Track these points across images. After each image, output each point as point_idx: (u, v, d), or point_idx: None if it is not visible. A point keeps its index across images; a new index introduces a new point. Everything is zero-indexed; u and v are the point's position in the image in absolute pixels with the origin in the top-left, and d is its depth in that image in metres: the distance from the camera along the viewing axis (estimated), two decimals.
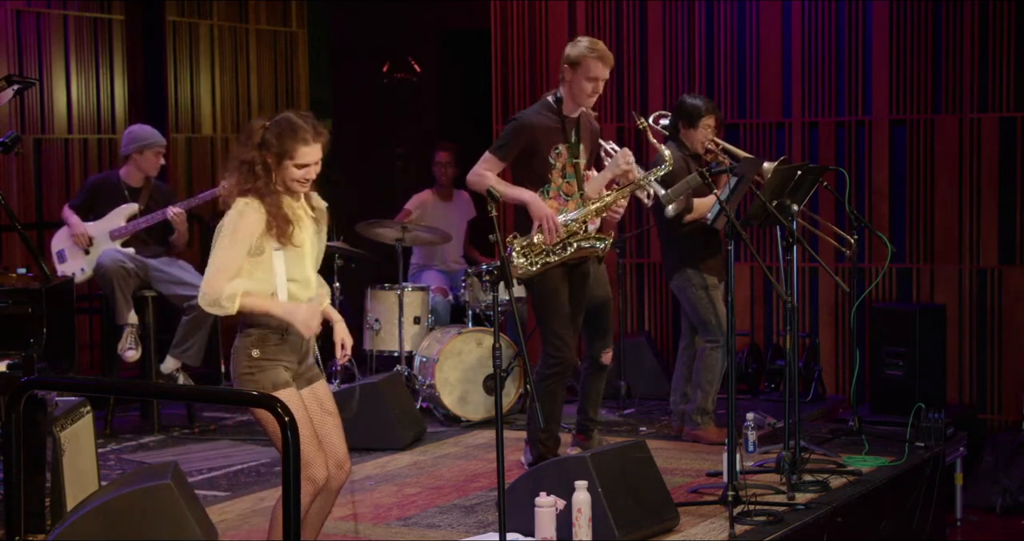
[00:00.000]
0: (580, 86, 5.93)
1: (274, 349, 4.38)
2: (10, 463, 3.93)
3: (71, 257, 7.50)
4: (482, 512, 5.68)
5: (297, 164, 4.34)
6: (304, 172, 4.36)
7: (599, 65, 5.92)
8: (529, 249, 5.89)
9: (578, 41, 6.03)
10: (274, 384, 4.33)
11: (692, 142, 6.83)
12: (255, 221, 4.32)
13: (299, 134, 4.33)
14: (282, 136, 4.33)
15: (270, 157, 4.33)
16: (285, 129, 4.34)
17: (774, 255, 7.06)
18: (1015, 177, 7.84)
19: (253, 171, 4.33)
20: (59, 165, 8.67)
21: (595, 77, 5.92)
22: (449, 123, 10.94)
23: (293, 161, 4.33)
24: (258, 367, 4.36)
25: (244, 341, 4.39)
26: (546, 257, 5.90)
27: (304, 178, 4.38)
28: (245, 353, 4.38)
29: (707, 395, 6.83)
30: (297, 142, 4.33)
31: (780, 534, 5.25)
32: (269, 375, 4.36)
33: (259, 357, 4.36)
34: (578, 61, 5.93)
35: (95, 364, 8.58)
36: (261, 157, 4.34)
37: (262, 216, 4.32)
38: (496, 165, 5.98)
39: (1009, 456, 7.32)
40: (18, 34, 8.40)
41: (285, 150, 4.32)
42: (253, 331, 4.39)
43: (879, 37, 8.08)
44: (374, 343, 8.09)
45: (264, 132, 4.36)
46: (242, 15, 9.86)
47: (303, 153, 4.34)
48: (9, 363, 5.13)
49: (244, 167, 4.35)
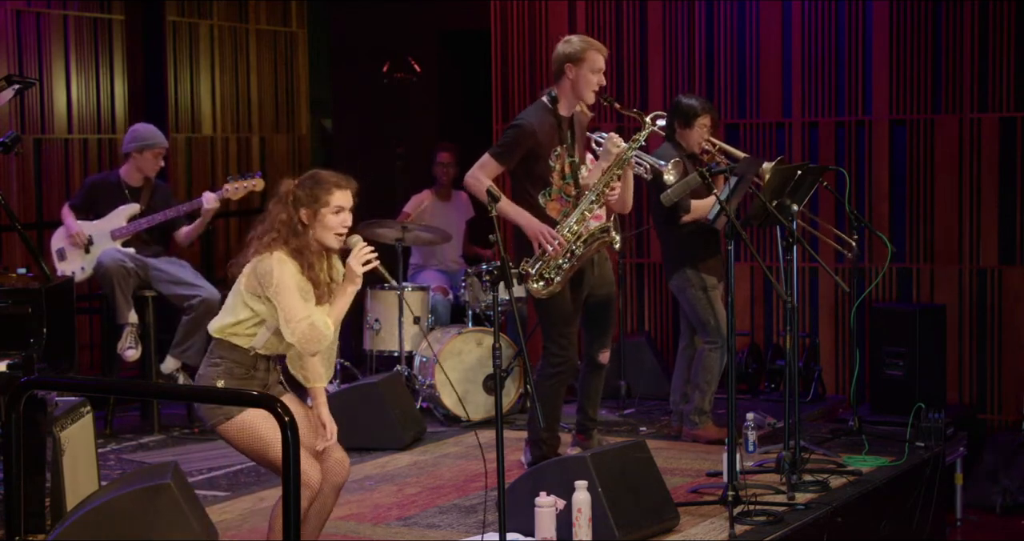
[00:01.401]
0: (586, 79, 5.93)
1: (239, 383, 4.44)
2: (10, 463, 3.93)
3: (71, 256, 7.49)
4: (482, 512, 5.68)
5: (333, 210, 4.44)
6: (342, 219, 4.47)
7: (600, 56, 5.97)
8: (544, 269, 5.89)
9: (569, 39, 6.05)
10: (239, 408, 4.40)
11: (688, 142, 6.83)
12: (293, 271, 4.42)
13: (331, 181, 4.48)
14: (315, 188, 4.46)
15: (306, 213, 4.44)
16: (316, 181, 4.48)
17: (774, 255, 7.06)
18: (1015, 177, 7.84)
19: (294, 230, 4.44)
20: (59, 165, 8.67)
21: (599, 68, 5.95)
22: (449, 123, 10.94)
23: (329, 208, 4.44)
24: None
25: (211, 371, 4.49)
26: (559, 269, 5.89)
27: (343, 225, 4.47)
28: (210, 382, 4.47)
29: (704, 395, 6.83)
30: (331, 188, 4.46)
31: (780, 534, 5.25)
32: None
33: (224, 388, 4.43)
34: (581, 56, 5.93)
35: (95, 364, 8.58)
36: (296, 214, 4.44)
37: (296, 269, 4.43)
38: (496, 170, 5.96)
39: (1009, 456, 7.32)
40: (18, 34, 8.39)
41: (319, 199, 4.44)
42: (220, 362, 4.47)
43: (879, 37, 8.08)
44: (374, 343, 8.09)
45: (295, 190, 4.48)
46: (242, 15, 9.86)
47: (337, 197, 4.46)
48: (9, 363, 5.13)
49: (284, 226, 4.44)
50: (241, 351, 4.50)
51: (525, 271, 5.88)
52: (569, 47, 5.98)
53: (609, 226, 5.94)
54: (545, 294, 5.89)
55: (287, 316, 4.39)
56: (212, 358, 4.52)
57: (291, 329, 4.38)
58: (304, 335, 4.38)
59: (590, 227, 5.95)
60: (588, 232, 5.93)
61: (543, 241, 5.84)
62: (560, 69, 5.98)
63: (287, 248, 4.44)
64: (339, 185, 4.47)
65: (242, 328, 4.50)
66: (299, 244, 4.44)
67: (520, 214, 5.91)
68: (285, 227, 4.44)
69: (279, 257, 4.43)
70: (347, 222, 4.48)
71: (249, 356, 4.50)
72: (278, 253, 4.43)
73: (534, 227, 5.87)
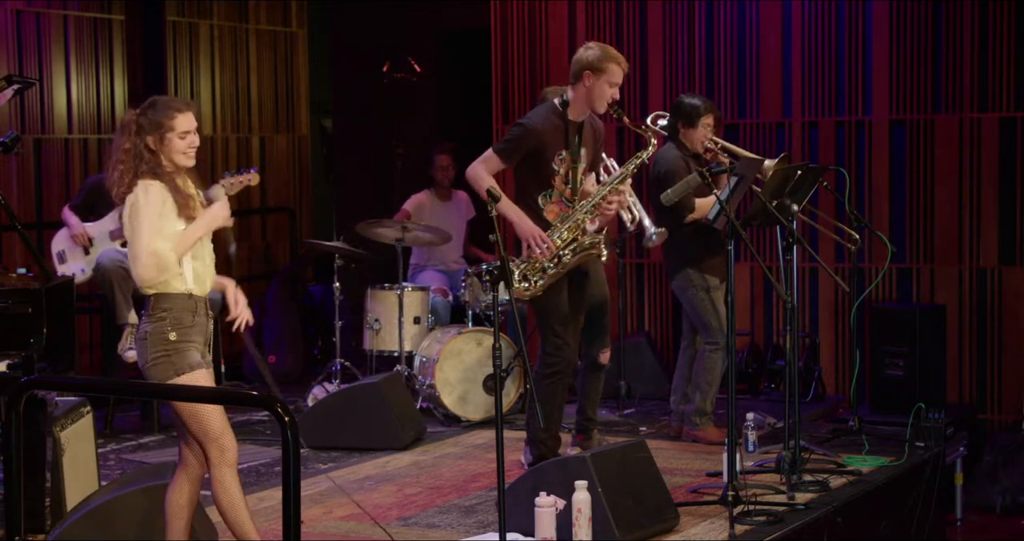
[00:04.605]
0: (602, 91, 5.93)
1: (187, 330, 4.39)
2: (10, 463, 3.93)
3: (71, 258, 7.49)
4: (482, 512, 5.68)
5: (179, 134, 4.45)
6: (188, 141, 4.47)
7: (620, 70, 5.97)
8: (528, 269, 5.90)
9: (592, 47, 6.02)
10: (190, 365, 4.36)
11: (691, 142, 6.83)
12: (160, 197, 4.40)
13: (171, 105, 4.48)
14: (156, 115, 4.45)
15: (152, 138, 4.44)
16: (157, 107, 4.47)
17: (774, 255, 7.06)
18: (1015, 177, 7.84)
19: (141, 156, 4.43)
20: (59, 165, 8.67)
21: (617, 82, 5.96)
22: (449, 123, 10.93)
23: (175, 132, 4.44)
24: (174, 349, 4.37)
25: (157, 326, 4.38)
26: (544, 273, 5.91)
27: (190, 147, 4.48)
28: (160, 337, 4.37)
29: (706, 396, 6.83)
30: (172, 112, 4.45)
31: (780, 534, 5.25)
32: (185, 357, 4.37)
33: (176, 340, 4.37)
34: (602, 67, 5.93)
35: (95, 364, 8.58)
36: (143, 141, 4.44)
37: (165, 193, 4.41)
38: (497, 166, 5.98)
39: (1009, 456, 7.32)
40: (18, 34, 8.39)
41: (163, 124, 4.44)
42: (166, 314, 4.39)
43: (879, 37, 8.08)
44: (374, 343, 8.09)
45: (138, 118, 4.47)
46: (242, 15, 9.86)
47: (180, 121, 4.45)
48: (9, 363, 5.13)
49: (128, 156, 4.43)
50: (181, 297, 4.41)
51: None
52: (591, 55, 5.96)
53: (599, 240, 5.97)
54: (527, 296, 5.94)
55: (138, 253, 4.36)
56: (156, 314, 4.38)
57: (143, 270, 4.35)
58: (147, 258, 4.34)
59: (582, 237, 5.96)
60: (580, 240, 5.95)
61: (532, 243, 5.86)
62: (579, 74, 5.97)
63: (148, 174, 4.42)
64: (179, 109, 4.46)
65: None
66: (149, 168, 4.42)
67: (515, 213, 5.93)
68: (129, 155, 4.43)
69: (145, 183, 4.41)
70: (194, 143, 4.49)
71: (189, 300, 4.42)
72: (144, 180, 4.41)
73: (526, 228, 5.89)
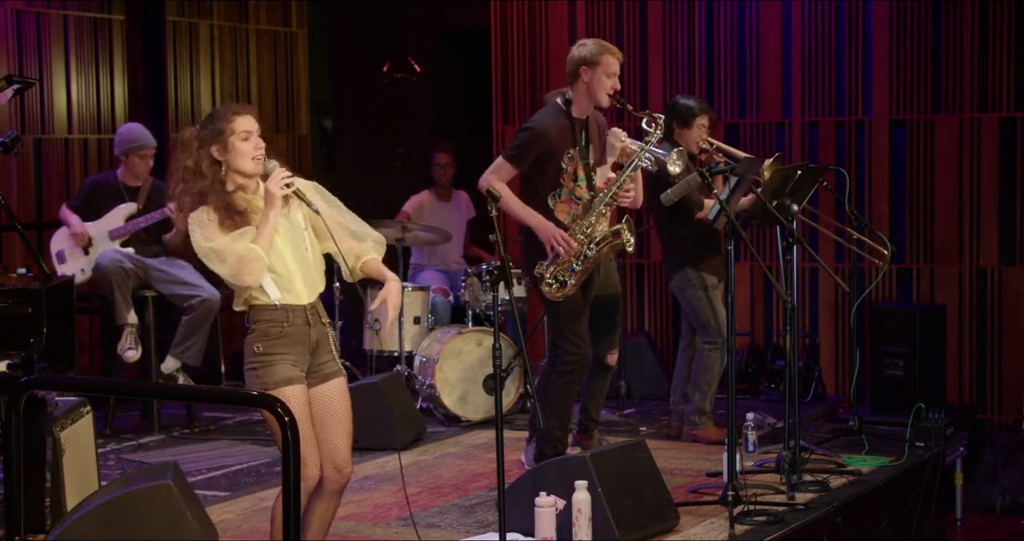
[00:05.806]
0: (601, 83, 5.93)
1: (276, 342, 4.36)
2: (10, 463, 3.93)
3: (71, 258, 7.49)
4: (482, 512, 5.68)
5: (240, 135, 4.34)
6: (253, 143, 4.36)
7: (615, 60, 5.97)
8: (558, 271, 5.89)
9: (585, 43, 6.04)
10: (276, 381, 4.33)
11: (687, 142, 6.83)
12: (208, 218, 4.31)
13: (229, 109, 4.39)
14: (215, 122, 4.36)
15: (216, 148, 4.35)
16: (214, 115, 4.39)
17: (774, 255, 7.06)
18: (1015, 177, 7.84)
19: (200, 172, 4.34)
20: (59, 165, 8.67)
21: (614, 72, 5.96)
22: (449, 123, 10.93)
23: (236, 134, 4.34)
24: (261, 363, 4.36)
25: (249, 338, 4.40)
26: (573, 272, 5.89)
27: (256, 149, 4.37)
28: (250, 349, 4.39)
29: (705, 396, 6.83)
30: (230, 116, 4.35)
31: (780, 534, 5.25)
32: (272, 371, 4.35)
33: (262, 352, 4.36)
34: (596, 59, 5.93)
35: (95, 364, 8.58)
36: (206, 154, 4.35)
37: (211, 213, 4.32)
38: (510, 173, 5.96)
39: (1009, 456, 7.33)
40: (18, 34, 8.39)
41: (223, 130, 4.33)
42: (255, 327, 4.39)
43: (879, 37, 8.08)
44: (374, 343, 8.09)
45: (199, 132, 4.38)
46: (242, 15, 9.86)
47: (239, 123, 4.34)
48: (9, 363, 5.13)
49: (188, 173, 4.35)
50: (267, 309, 4.37)
51: (540, 274, 5.89)
52: (584, 50, 5.98)
53: (621, 229, 5.93)
54: (560, 297, 5.90)
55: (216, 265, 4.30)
56: (250, 326, 4.40)
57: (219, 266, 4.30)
58: (233, 267, 4.28)
59: (602, 229, 5.95)
60: (600, 234, 5.93)
61: (555, 244, 5.84)
62: (575, 72, 5.97)
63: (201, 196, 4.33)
64: (237, 112, 4.37)
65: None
66: (204, 186, 4.33)
67: (533, 217, 5.90)
68: (189, 173, 4.35)
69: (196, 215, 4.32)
70: (260, 146, 4.38)
71: (277, 311, 4.37)
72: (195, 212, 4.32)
73: (547, 230, 5.87)
